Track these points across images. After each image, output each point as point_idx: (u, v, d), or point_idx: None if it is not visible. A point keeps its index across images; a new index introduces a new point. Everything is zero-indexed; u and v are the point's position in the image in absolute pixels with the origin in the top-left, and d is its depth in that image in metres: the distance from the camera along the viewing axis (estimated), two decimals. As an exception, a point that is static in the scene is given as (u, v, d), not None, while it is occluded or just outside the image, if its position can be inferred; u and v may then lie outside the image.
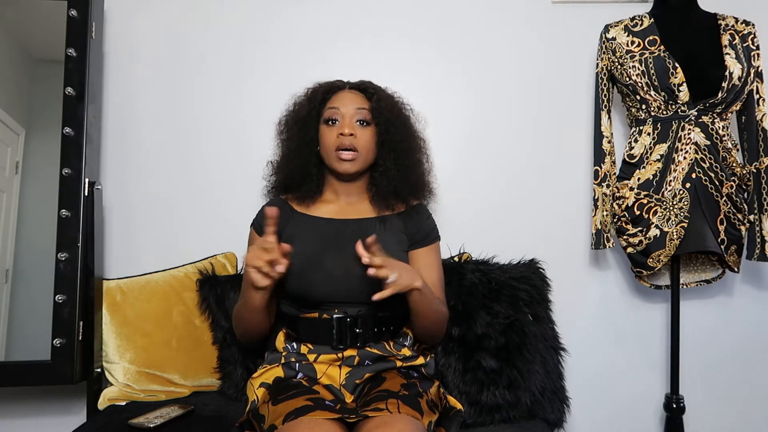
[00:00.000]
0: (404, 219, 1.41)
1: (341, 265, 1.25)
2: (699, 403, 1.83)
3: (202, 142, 1.83)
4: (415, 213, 1.43)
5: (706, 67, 1.56)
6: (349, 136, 1.33)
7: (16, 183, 1.61)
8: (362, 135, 1.35)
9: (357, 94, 1.40)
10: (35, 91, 1.66)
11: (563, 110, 1.87)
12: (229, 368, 1.56)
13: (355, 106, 1.37)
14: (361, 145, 1.34)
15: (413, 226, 1.41)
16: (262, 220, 1.34)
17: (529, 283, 1.56)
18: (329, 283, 1.26)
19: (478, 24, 1.87)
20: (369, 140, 1.36)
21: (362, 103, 1.38)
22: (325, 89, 1.41)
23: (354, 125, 1.35)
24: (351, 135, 1.33)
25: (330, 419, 1.04)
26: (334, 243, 1.31)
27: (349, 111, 1.36)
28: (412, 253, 1.38)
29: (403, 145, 1.40)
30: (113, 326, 1.60)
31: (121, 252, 1.79)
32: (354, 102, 1.38)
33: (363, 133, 1.35)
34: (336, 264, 1.26)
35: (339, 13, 1.86)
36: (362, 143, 1.35)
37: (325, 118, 1.37)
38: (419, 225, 1.41)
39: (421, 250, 1.39)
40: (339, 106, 1.36)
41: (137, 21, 1.83)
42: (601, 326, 1.87)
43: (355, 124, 1.35)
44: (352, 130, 1.34)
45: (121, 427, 1.34)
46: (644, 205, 1.61)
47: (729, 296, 1.89)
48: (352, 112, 1.36)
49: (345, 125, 1.34)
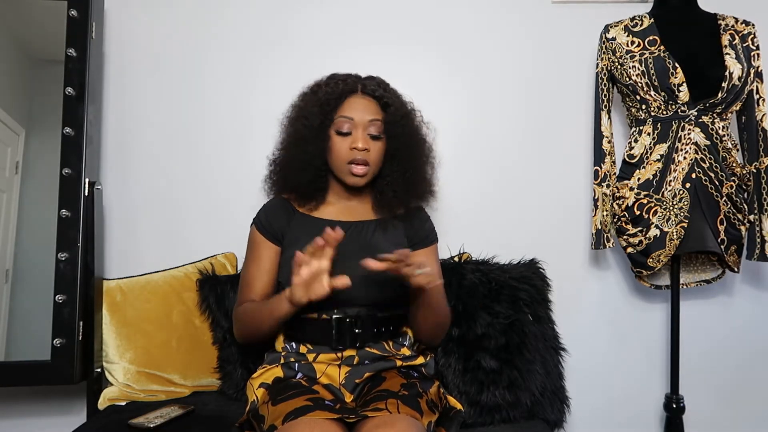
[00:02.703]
0: (404, 222, 1.41)
1: (342, 267, 1.25)
2: (699, 403, 1.83)
3: (201, 142, 1.83)
4: (414, 216, 1.43)
5: (706, 67, 1.56)
6: (362, 151, 1.30)
7: (16, 183, 1.61)
8: (374, 149, 1.33)
9: (371, 102, 1.35)
10: (35, 91, 1.66)
11: (563, 110, 1.87)
12: (229, 368, 1.56)
13: (369, 117, 1.32)
14: (372, 159, 1.33)
15: (412, 228, 1.41)
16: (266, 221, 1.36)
17: (529, 283, 1.56)
18: None
19: (478, 24, 1.87)
20: (379, 153, 1.34)
21: (376, 114, 1.34)
22: (338, 94, 1.34)
23: (367, 139, 1.32)
24: (365, 150, 1.31)
25: (329, 419, 1.04)
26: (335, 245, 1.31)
27: (363, 122, 1.31)
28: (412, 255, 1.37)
29: (413, 160, 1.38)
30: (113, 326, 1.60)
31: (121, 252, 1.79)
32: (368, 112, 1.33)
33: (375, 147, 1.33)
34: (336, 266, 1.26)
35: (341, 14, 1.86)
36: (373, 157, 1.33)
37: (338, 129, 1.32)
38: (418, 227, 1.42)
39: (420, 252, 1.39)
40: (353, 117, 1.31)
41: (137, 21, 1.83)
42: (601, 326, 1.87)
43: (367, 137, 1.32)
44: (366, 145, 1.31)
45: (121, 427, 1.34)
46: (644, 205, 1.61)
47: (729, 296, 1.89)
48: (365, 123, 1.32)
49: (359, 138, 1.30)
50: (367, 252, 1.18)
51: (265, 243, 1.35)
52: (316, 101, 1.34)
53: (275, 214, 1.37)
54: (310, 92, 1.39)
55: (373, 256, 1.13)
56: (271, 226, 1.36)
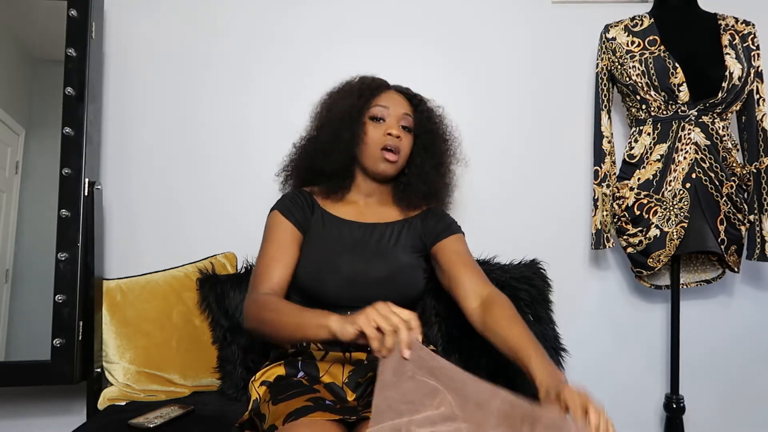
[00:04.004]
0: (422, 221, 1.41)
1: (358, 269, 1.25)
2: (699, 403, 1.83)
3: (202, 141, 1.83)
4: (430, 212, 1.43)
5: (706, 67, 1.56)
6: (396, 137, 1.32)
7: (16, 183, 1.61)
8: (405, 140, 1.35)
9: (404, 99, 1.39)
10: (35, 91, 1.66)
11: (563, 110, 1.87)
12: (229, 368, 1.56)
13: (403, 110, 1.36)
14: (403, 150, 1.35)
15: (431, 222, 1.40)
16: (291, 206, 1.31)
17: (529, 284, 1.56)
18: (342, 286, 1.25)
19: (478, 25, 1.87)
20: (408, 146, 1.37)
21: (408, 109, 1.38)
22: (376, 85, 1.39)
23: (400, 129, 1.35)
24: (398, 137, 1.33)
25: (330, 420, 1.04)
26: (353, 246, 1.31)
27: (398, 113, 1.35)
28: (439, 246, 1.34)
29: (439, 158, 1.40)
30: (113, 326, 1.60)
31: (121, 252, 1.78)
32: (402, 106, 1.37)
33: (406, 139, 1.36)
34: (353, 268, 1.26)
35: (342, 15, 1.86)
36: (404, 148, 1.35)
37: (373, 115, 1.34)
38: (438, 219, 1.40)
39: (446, 240, 1.35)
40: (389, 106, 1.35)
41: (137, 21, 1.83)
42: (601, 326, 1.87)
43: (400, 128, 1.35)
44: (399, 133, 1.33)
45: (121, 427, 1.34)
46: (644, 205, 1.61)
47: (729, 296, 1.89)
48: (400, 114, 1.35)
49: (393, 125, 1.33)
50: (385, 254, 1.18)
51: (287, 226, 1.30)
52: (351, 91, 1.38)
53: (299, 203, 1.34)
54: (346, 84, 1.42)
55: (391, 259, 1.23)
56: (297, 211, 1.32)
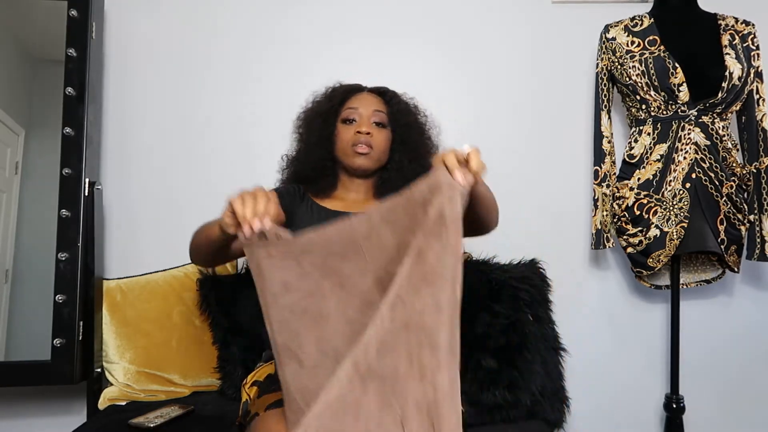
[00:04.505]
0: None
1: None
2: (699, 403, 1.82)
3: (202, 141, 1.83)
4: None
5: (706, 67, 1.56)
6: (365, 134, 1.35)
7: (16, 183, 1.62)
8: (378, 135, 1.37)
9: (375, 97, 1.43)
10: (35, 91, 1.66)
11: (563, 110, 1.87)
12: (228, 368, 1.56)
13: (373, 107, 1.39)
14: (375, 144, 1.36)
15: None
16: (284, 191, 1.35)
17: (529, 284, 1.56)
18: None
19: (478, 25, 1.87)
20: (384, 141, 1.38)
21: (380, 106, 1.41)
22: (346, 90, 1.44)
23: (371, 125, 1.37)
24: (368, 134, 1.35)
25: None
26: None
27: (367, 111, 1.38)
28: None
29: (417, 150, 1.41)
30: (113, 326, 1.60)
31: (121, 252, 1.78)
32: (372, 104, 1.40)
33: (379, 134, 1.38)
34: None
35: (342, 15, 1.86)
36: (377, 143, 1.37)
37: (344, 118, 1.39)
38: None
39: None
40: (358, 107, 1.39)
41: (137, 21, 1.83)
42: (601, 326, 1.87)
43: (371, 124, 1.37)
44: (369, 129, 1.36)
45: (121, 427, 1.34)
46: (644, 205, 1.61)
47: (729, 296, 1.88)
48: (369, 113, 1.38)
49: (363, 124, 1.36)
50: None
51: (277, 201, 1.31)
52: (324, 98, 1.44)
53: (291, 192, 1.38)
54: (322, 93, 1.48)
55: None
56: (287, 196, 1.36)
